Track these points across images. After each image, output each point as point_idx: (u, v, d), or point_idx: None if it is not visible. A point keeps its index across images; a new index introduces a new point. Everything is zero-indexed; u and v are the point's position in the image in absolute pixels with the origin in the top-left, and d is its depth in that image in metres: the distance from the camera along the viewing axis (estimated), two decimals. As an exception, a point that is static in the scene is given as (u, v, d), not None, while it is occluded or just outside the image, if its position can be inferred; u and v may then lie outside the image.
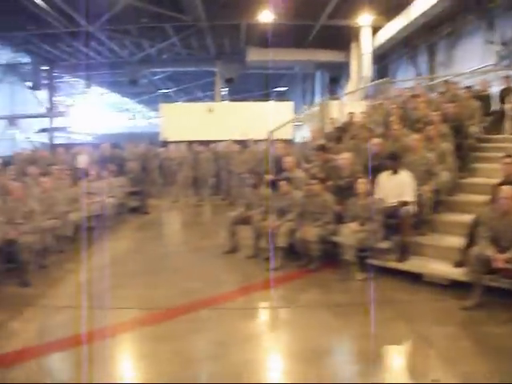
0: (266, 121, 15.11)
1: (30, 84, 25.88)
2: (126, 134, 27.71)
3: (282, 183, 7.32)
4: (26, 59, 25.53)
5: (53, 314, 5.27)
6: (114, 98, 42.82)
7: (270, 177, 8.46)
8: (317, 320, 5.08)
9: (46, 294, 5.91)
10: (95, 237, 8.72)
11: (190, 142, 15.97)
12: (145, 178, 13.26)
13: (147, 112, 46.90)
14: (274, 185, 7.65)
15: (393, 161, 6.80)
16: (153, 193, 13.90)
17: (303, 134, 16.42)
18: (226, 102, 26.48)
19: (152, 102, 38.18)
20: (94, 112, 33.68)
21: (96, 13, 17.42)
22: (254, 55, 22.68)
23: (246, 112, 19.12)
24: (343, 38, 21.15)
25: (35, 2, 15.65)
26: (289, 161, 8.31)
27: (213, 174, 14.47)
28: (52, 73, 25.02)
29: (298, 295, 5.96)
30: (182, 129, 18.25)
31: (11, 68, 26.21)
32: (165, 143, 17.69)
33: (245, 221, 7.61)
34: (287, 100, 25.99)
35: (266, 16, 18.65)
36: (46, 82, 25.83)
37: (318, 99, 28.49)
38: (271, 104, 21.51)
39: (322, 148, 8.61)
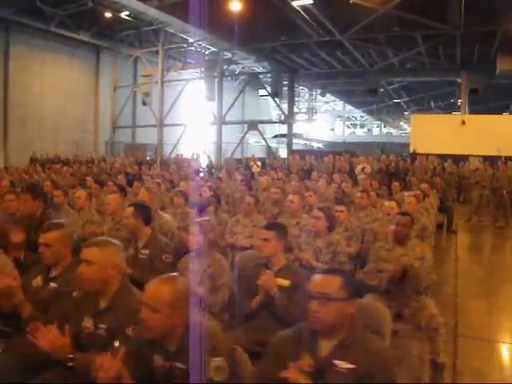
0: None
1: (269, 92, 27.80)
2: (363, 143, 28.30)
3: None
4: (266, 68, 27.77)
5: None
6: (339, 106, 44.17)
7: None
8: None
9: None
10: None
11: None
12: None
13: (370, 121, 47.34)
14: None
15: None
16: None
17: None
18: (480, 115, 25.23)
19: (378, 112, 38.59)
20: (323, 119, 35.02)
21: (349, 22, 18.20)
22: (507, 64, 21.49)
23: (502, 126, 18.23)
24: None
25: (302, 14, 16.83)
26: None
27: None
28: (292, 81, 26.56)
29: None
30: (433, 141, 18.00)
31: (253, 76, 28.54)
32: (414, 155, 17.64)
33: None
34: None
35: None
36: (285, 89, 27.57)
37: None
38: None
39: None
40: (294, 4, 16.23)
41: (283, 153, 28.49)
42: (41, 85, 24.24)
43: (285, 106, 27.67)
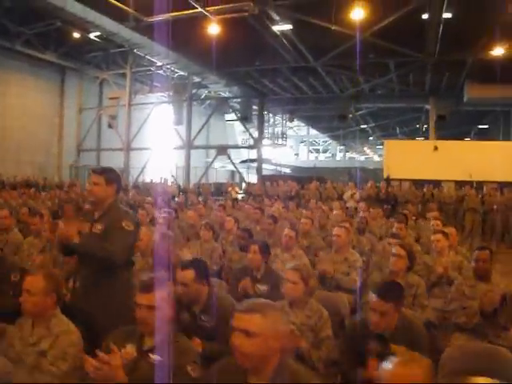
0: (492, 162, 14.74)
1: (238, 116, 27.96)
2: (330, 168, 28.68)
3: None
4: (233, 92, 28.00)
5: None
6: (303, 131, 44.78)
7: None
8: None
9: None
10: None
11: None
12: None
13: (335, 147, 48.07)
14: None
15: None
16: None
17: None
18: (452, 140, 25.86)
19: (344, 138, 39.34)
20: (287, 144, 35.37)
21: (324, 48, 18.58)
22: (474, 91, 22.26)
23: (473, 151, 18.81)
24: None
25: (280, 39, 17.09)
26: None
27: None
28: (262, 106, 26.78)
29: None
30: (407, 166, 18.41)
31: (221, 101, 28.73)
32: (387, 180, 17.96)
33: None
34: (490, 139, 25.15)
35: (496, 51, 18.33)
36: (254, 114, 27.78)
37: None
38: (499, 144, 20.94)
39: None
40: (275, 29, 16.42)
41: (251, 178, 28.66)
42: (3, 105, 23.69)
43: (252, 131, 27.88)
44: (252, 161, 27.58)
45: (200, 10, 15.08)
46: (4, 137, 23.51)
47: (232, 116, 33.06)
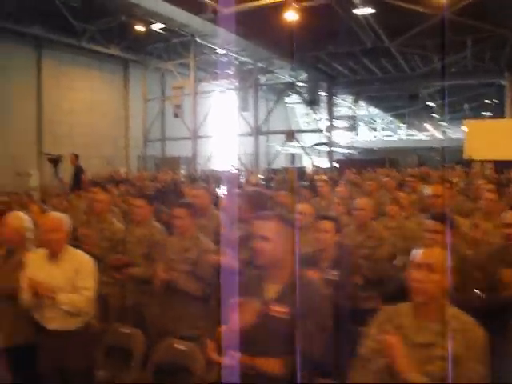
0: None
1: (306, 101, 27.99)
2: (397, 149, 28.50)
3: None
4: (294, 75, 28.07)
5: None
6: (361, 110, 44.34)
7: None
8: None
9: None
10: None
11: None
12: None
13: (396, 125, 47.38)
14: None
15: None
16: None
17: None
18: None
19: (408, 116, 38.86)
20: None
21: (400, 29, 18.45)
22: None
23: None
24: None
25: (359, 22, 17.08)
26: None
27: None
28: (331, 89, 26.76)
29: None
30: (489, 147, 18.15)
31: (288, 86, 28.84)
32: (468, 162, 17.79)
33: None
34: None
35: None
36: (323, 98, 27.80)
37: None
38: None
39: None
40: (355, 12, 16.44)
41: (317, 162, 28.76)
42: (71, 100, 24.46)
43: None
44: (323, 144, 27.65)
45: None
46: (72, 133, 24.27)
47: (292, 99, 33.15)
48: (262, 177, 19.06)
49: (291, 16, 16.31)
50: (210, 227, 5.20)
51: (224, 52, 25.23)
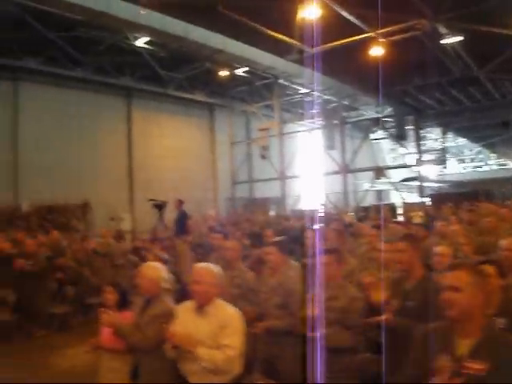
0: None
1: (394, 136, 27.68)
2: (494, 180, 27.55)
3: None
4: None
5: None
6: (449, 142, 43.26)
7: None
8: None
9: None
10: None
11: None
12: None
13: (487, 156, 45.88)
14: None
15: None
16: None
17: None
18: None
19: (499, 145, 37.56)
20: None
21: (488, 56, 18.07)
22: None
23: None
24: None
25: (448, 54, 16.89)
26: None
27: None
28: (418, 123, 26.35)
29: None
30: None
31: (374, 122, 28.79)
32: None
33: None
34: None
35: None
36: (409, 132, 27.38)
37: None
38: None
39: None
40: (444, 42, 16.28)
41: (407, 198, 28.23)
42: (160, 146, 25.43)
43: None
44: (412, 179, 27.14)
45: (369, 34, 15.29)
46: (163, 178, 25.11)
47: (378, 135, 32.91)
48: (353, 215, 18.87)
49: (377, 51, 16.31)
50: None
51: (307, 91, 25.54)
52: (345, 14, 14.05)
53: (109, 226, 19.08)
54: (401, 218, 18.62)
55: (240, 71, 22.94)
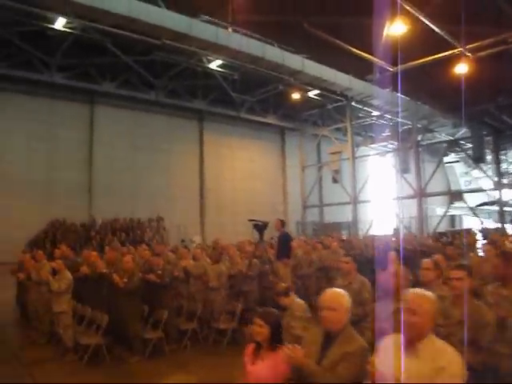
0: None
1: (472, 158, 26.90)
2: None
3: None
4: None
5: None
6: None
7: None
8: None
9: None
10: None
11: None
12: None
13: None
14: None
15: None
16: None
17: None
18: None
19: None
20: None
21: None
22: None
23: None
24: None
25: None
26: None
27: None
28: (498, 144, 25.62)
29: None
30: None
31: (451, 145, 28.18)
32: None
33: None
34: None
35: None
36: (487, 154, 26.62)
37: None
38: None
39: None
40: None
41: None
42: (231, 169, 25.67)
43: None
44: (492, 203, 26.33)
45: (455, 50, 14.98)
46: (234, 200, 25.31)
47: (451, 158, 32.16)
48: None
49: (462, 68, 15.93)
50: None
51: (380, 113, 25.30)
52: (434, 27, 13.71)
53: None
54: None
55: (312, 94, 22.97)
